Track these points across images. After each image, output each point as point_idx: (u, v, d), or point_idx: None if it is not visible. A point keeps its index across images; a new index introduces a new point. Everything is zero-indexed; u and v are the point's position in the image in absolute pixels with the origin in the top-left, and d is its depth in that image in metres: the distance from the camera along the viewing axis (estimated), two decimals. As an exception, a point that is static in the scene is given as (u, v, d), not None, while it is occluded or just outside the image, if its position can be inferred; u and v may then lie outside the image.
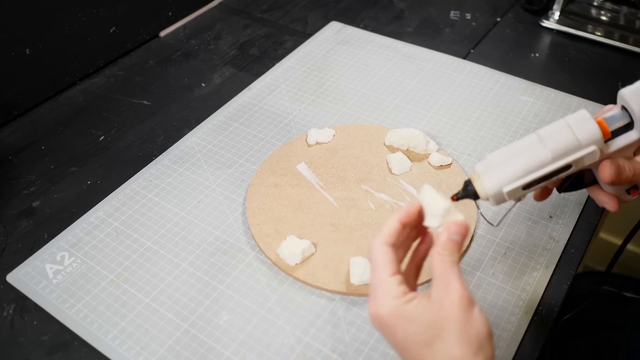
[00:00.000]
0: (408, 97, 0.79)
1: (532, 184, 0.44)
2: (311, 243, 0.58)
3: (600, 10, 0.94)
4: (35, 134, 0.75)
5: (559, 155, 0.43)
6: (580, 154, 0.43)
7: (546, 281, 0.57)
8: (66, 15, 0.78)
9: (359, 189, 0.65)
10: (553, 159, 0.43)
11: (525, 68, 0.86)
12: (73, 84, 0.84)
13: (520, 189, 0.44)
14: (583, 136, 0.43)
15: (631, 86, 0.43)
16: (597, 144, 0.43)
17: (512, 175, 0.44)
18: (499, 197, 0.45)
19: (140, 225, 0.62)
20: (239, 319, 0.54)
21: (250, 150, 0.71)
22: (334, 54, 0.88)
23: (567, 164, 0.43)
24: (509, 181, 0.44)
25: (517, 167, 0.43)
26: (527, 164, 0.43)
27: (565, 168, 0.44)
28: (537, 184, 0.44)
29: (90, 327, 0.53)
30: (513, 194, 0.44)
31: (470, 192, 0.46)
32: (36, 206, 0.65)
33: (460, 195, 0.46)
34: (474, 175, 0.45)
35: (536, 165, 0.43)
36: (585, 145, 0.43)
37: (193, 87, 0.83)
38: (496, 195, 0.44)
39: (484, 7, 1.00)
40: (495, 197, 0.45)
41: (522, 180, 0.44)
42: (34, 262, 0.59)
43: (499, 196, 0.45)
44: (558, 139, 0.43)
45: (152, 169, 0.69)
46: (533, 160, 0.43)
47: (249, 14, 0.99)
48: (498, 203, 0.45)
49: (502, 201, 0.45)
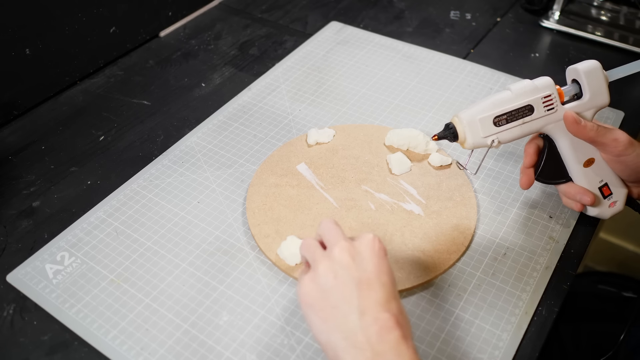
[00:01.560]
0: (408, 97, 0.79)
1: (503, 121, 0.52)
2: (311, 243, 0.58)
3: (600, 10, 0.94)
4: (35, 134, 0.75)
5: (519, 95, 0.52)
6: (537, 95, 0.53)
7: (546, 281, 0.57)
8: (66, 15, 0.78)
9: (359, 189, 0.65)
10: (515, 97, 0.52)
11: (525, 68, 0.86)
12: (73, 84, 0.84)
13: (491, 121, 0.52)
14: (540, 82, 0.53)
15: (582, 63, 0.54)
16: (550, 90, 0.53)
17: (483, 108, 0.52)
18: (474, 129, 0.52)
19: (140, 225, 0.62)
20: (239, 319, 0.54)
21: (250, 150, 0.71)
22: (334, 54, 0.88)
23: (528, 104, 0.52)
24: (481, 112, 0.52)
25: (487, 102, 0.53)
26: (494, 99, 0.53)
27: (528, 110, 0.52)
28: (507, 123, 0.52)
29: (90, 327, 0.53)
30: (486, 126, 0.52)
31: (450, 131, 0.53)
32: (36, 206, 0.65)
33: (441, 135, 0.54)
34: (454, 119, 0.53)
35: (502, 101, 0.52)
36: (542, 89, 0.53)
37: (193, 87, 0.83)
38: (471, 125, 0.52)
39: (484, 7, 1.00)
40: (470, 127, 0.52)
41: (492, 111, 0.52)
42: (34, 262, 0.59)
43: (473, 126, 0.52)
44: (519, 84, 0.53)
45: (152, 169, 0.69)
46: (498, 97, 0.53)
47: (249, 14, 0.99)
48: (475, 142, 0.53)
49: (477, 138, 0.52)
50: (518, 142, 0.72)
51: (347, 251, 0.44)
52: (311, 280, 0.44)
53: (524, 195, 0.65)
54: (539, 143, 0.58)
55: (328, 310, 0.42)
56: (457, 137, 0.53)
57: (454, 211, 0.62)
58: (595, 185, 0.57)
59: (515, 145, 0.71)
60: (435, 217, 0.62)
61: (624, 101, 0.78)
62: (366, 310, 0.41)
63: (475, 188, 0.66)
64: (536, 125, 0.54)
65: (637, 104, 0.78)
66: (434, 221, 0.61)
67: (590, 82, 0.54)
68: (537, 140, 0.58)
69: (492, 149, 0.56)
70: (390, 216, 0.62)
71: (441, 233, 0.60)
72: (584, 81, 0.54)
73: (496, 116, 0.52)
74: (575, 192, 0.57)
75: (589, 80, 0.54)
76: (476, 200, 0.64)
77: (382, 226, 0.61)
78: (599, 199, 0.58)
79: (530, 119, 0.53)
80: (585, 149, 0.55)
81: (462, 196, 0.64)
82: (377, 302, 0.41)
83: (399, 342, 0.40)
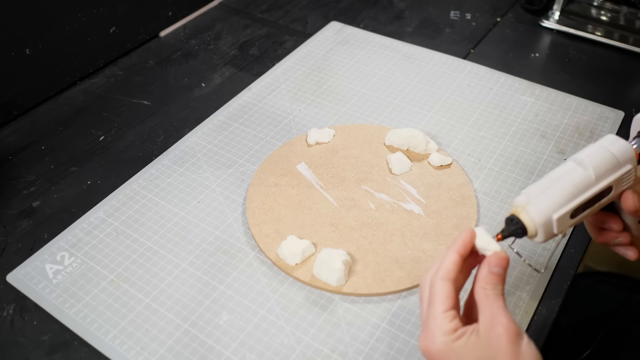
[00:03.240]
0: (408, 97, 0.79)
1: (579, 210, 0.42)
2: (311, 243, 0.58)
3: (600, 10, 0.94)
4: (35, 134, 0.75)
5: (601, 175, 0.42)
6: (620, 172, 0.42)
7: (546, 281, 0.57)
8: (66, 15, 0.78)
9: (359, 189, 0.65)
10: (597, 178, 0.42)
11: (525, 68, 0.86)
12: (73, 84, 0.84)
13: (568, 215, 0.42)
14: (619, 153, 0.43)
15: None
16: (632, 163, 0.43)
17: (559, 199, 0.41)
18: (548, 228, 0.42)
19: (140, 225, 0.62)
20: (239, 319, 0.54)
21: (250, 150, 0.71)
22: (334, 54, 0.88)
23: (608, 185, 0.42)
24: (557, 206, 0.41)
25: (564, 190, 0.42)
26: (572, 185, 0.42)
27: (607, 191, 0.43)
28: (583, 211, 0.43)
29: (90, 327, 0.53)
30: (562, 222, 0.42)
31: (517, 226, 0.42)
32: (36, 206, 0.65)
33: (506, 234, 0.43)
34: (517, 209, 0.43)
35: (582, 187, 0.42)
36: (623, 163, 0.43)
37: (193, 87, 0.83)
38: (546, 225, 0.42)
39: (484, 7, 1.00)
40: (545, 226, 0.42)
41: (571, 204, 0.42)
42: (34, 262, 0.58)
43: (548, 226, 0.42)
44: (597, 159, 0.42)
45: (152, 169, 0.69)
46: (577, 182, 0.42)
47: (249, 14, 0.99)
48: (547, 238, 0.43)
49: (550, 235, 0.42)
50: (518, 143, 0.72)
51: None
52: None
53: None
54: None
55: None
56: (527, 233, 0.43)
57: (454, 211, 0.62)
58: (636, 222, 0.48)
59: (515, 145, 0.71)
60: (435, 216, 0.62)
61: (624, 101, 0.78)
62: None
63: (475, 188, 0.66)
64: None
65: (637, 104, 0.78)
66: (434, 221, 0.61)
67: None
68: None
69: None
70: (390, 216, 0.62)
71: (441, 233, 0.60)
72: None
73: (575, 209, 0.42)
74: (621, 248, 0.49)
75: None
76: (476, 200, 0.64)
77: (382, 226, 0.61)
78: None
79: (607, 200, 0.44)
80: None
81: (462, 196, 0.64)
82: None
83: None
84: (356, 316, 0.54)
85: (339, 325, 0.53)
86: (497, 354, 0.38)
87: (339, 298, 0.55)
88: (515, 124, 0.74)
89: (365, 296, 0.55)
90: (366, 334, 0.52)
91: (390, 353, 0.51)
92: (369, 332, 0.52)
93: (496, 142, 0.72)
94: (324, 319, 0.53)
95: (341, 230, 0.60)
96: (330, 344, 0.52)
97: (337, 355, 0.51)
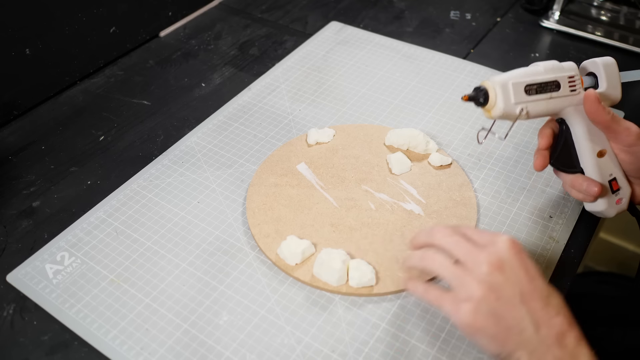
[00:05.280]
0: (408, 97, 0.79)
1: (533, 92, 0.52)
2: (311, 243, 0.58)
3: (600, 10, 0.94)
4: (35, 134, 0.75)
5: (548, 70, 0.53)
6: (565, 73, 0.54)
7: (546, 281, 0.56)
8: (66, 15, 0.78)
9: (359, 189, 0.65)
10: (545, 71, 0.53)
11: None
12: (73, 84, 0.84)
13: (523, 88, 0.52)
14: (565, 64, 0.55)
15: (600, 58, 0.56)
16: (575, 71, 0.54)
17: (515, 75, 0.52)
18: (506, 92, 0.51)
19: (140, 225, 0.62)
20: (239, 319, 0.54)
21: (250, 150, 0.71)
22: (334, 54, 0.88)
23: (555, 79, 0.53)
24: (513, 78, 0.52)
25: (518, 71, 0.53)
26: (525, 71, 0.53)
27: (555, 86, 0.53)
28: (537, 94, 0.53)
29: (90, 327, 0.53)
30: (518, 92, 0.52)
31: (481, 92, 0.52)
32: (36, 206, 0.65)
33: (471, 95, 0.53)
34: (485, 82, 0.53)
35: (533, 72, 0.53)
36: (567, 70, 0.54)
37: (193, 87, 0.83)
38: (503, 87, 0.51)
39: (484, 7, 1.00)
40: (503, 89, 0.51)
41: (524, 78, 0.52)
42: (34, 262, 0.59)
43: (505, 90, 0.51)
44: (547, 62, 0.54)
45: (152, 169, 0.69)
46: (530, 70, 0.53)
47: (249, 14, 0.99)
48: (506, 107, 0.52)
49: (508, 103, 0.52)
50: (518, 144, 0.72)
51: (497, 268, 0.43)
52: (474, 311, 0.42)
53: (524, 195, 0.65)
54: (554, 127, 0.58)
55: (503, 332, 0.42)
56: (487, 101, 0.52)
57: (454, 211, 0.62)
58: (605, 178, 0.57)
59: (515, 145, 0.71)
60: (435, 216, 0.62)
61: (624, 101, 0.78)
62: (539, 322, 0.42)
63: (475, 188, 0.66)
64: (559, 104, 0.54)
65: (637, 104, 0.78)
66: (434, 221, 0.61)
67: (608, 76, 0.55)
68: (552, 124, 0.58)
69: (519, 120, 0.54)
70: (390, 216, 0.62)
71: (441, 233, 0.60)
72: (602, 73, 0.55)
73: (528, 84, 0.52)
74: (584, 181, 0.56)
75: (607, 74, 0.55)
76: (476, 200, 0.64)
77: (382, 226, 0.61)
78: (607, 192, 0.57)
79: (557, 95, 0.54)
80: (599, 138, 0.56)
81: (462, 196, 0.64)
82: (544, 309, 0.42)
83: (576, 344, 0.43)
84: (356, 316, 0.54)
85: (339, 325, 0.53)
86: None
87: (339, 298, 0.55)
88: (515, 124, 0.74)
89: (365, 296, 0.55)
90: (366, 334, 0.52)
91: (390, 353, 0.51)
92: (369, 332, 0.52)
93: (496, 142, 0.72)
94: (324, 319, 0.53)
95: (341, 230, 0.60)
96: (330, 344, 0.52)
97: (337, 355, 0.51)
